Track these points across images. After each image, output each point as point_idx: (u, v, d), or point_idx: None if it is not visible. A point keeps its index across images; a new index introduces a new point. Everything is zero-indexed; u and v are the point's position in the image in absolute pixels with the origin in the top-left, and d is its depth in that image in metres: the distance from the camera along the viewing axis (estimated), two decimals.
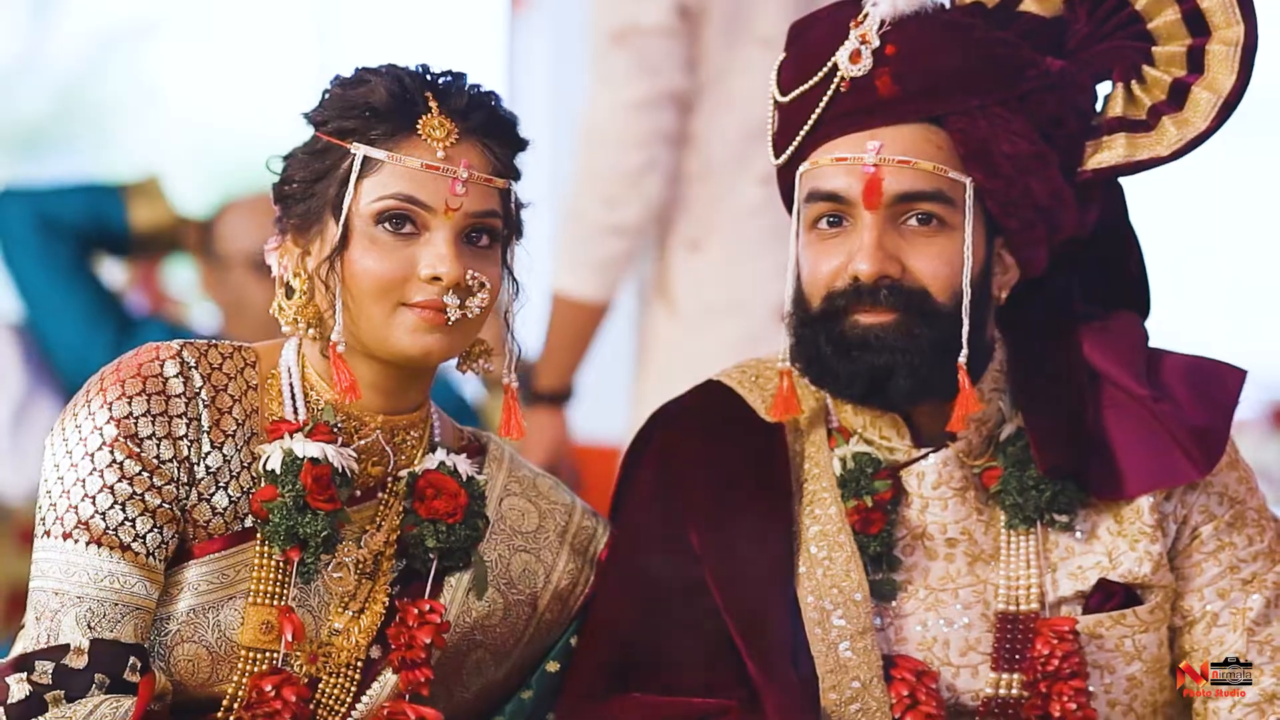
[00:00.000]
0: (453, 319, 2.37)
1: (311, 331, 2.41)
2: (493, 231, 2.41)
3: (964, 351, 2.47)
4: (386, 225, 2.37)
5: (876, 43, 2.48)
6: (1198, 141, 2.52)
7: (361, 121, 2.38)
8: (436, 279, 2.36)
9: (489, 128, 2.42)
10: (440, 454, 2.48)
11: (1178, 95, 2.53)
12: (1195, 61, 2.54)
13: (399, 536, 2.47)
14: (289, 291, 2.42)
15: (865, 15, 2.50)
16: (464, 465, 2.49)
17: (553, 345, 3.85)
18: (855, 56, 2.49)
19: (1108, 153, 2.54)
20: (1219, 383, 2.59)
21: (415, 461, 2.48)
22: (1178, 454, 2.53)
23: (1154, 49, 2.55)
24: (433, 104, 2.40)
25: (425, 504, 2.45)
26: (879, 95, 2.48)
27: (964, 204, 2.47)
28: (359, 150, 2.38)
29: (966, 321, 2.47)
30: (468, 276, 2.37)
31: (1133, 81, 2.55)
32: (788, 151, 2.55)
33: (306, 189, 2.40)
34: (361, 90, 2.39)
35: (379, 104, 2.38)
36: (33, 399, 4.63)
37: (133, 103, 8.51)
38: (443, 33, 7.76)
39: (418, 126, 2.39)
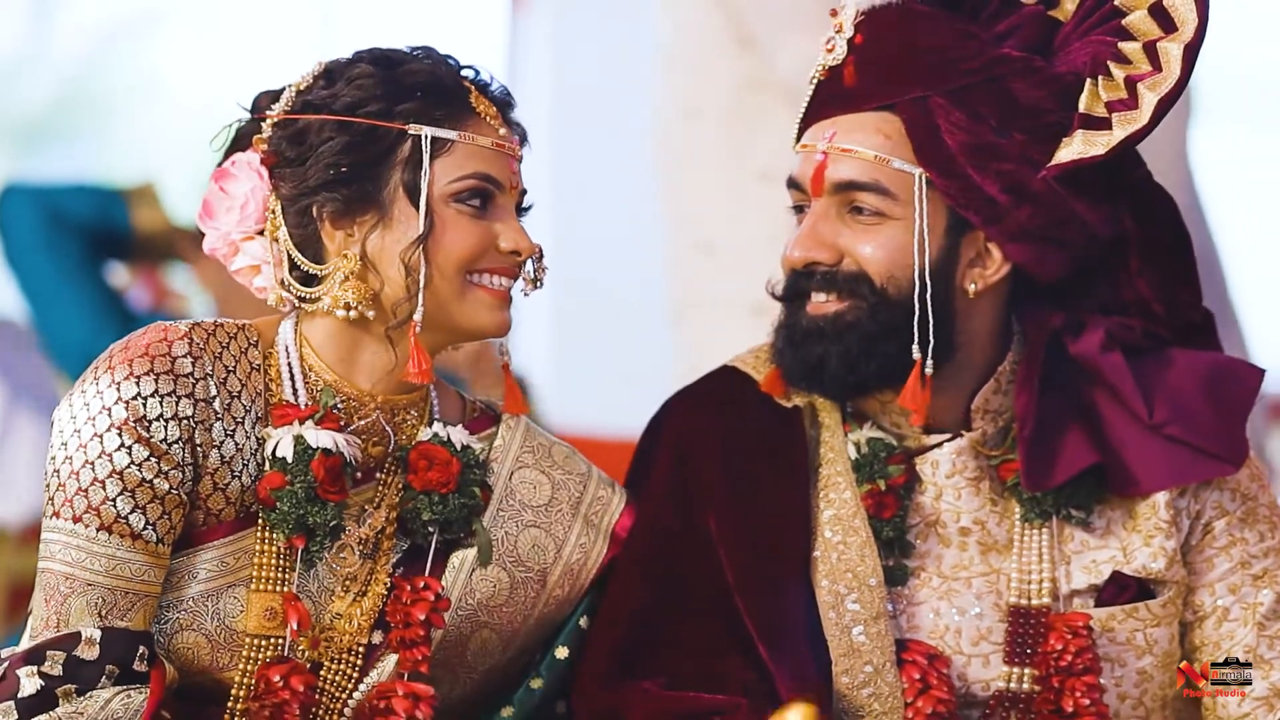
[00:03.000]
0: (528, 291, 2.43)
1: (355, 311, 2.38)
2: (522, 206, 2.46)
3: (915, 342, 2.45)
4: (466, 204, 2.38)
5: (850, 32, 2.51)
6: (1174, 95, 2.43)
7: (418, 104, 2.37)
8: (516, 253, 2.40)
9: (508, 106, 2.45)
10: (436, 426, 2.47)
11: (1153, 58, 2.45)
12: (1165, 22, 2.45)
13: (398, 514, 2.45)
14: (306, 278, 2.40)
15: (844, 5, 2.52)
16: (458, 434, 2.48)
17: None
18: (830, 45, 2.52)
19: (1066, 150, 2.46)
20: (1236, 382, 2.57)
21: (414, 439, 2.47)
22: (1199, 453, 2.52)
23: (1124, 20, 2.47)
24: (468, 84, 2.41)
25: (419, 476, 2.44)
26: (844, 84, 2.50)
27: (913, 194, 2.46)
28: (425, 131, 2.37)
29: (918, 309, 2.45)
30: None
31: (1110, 63, 2.47)
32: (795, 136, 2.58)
33: (357, 172, 2.37)
34: (403, 72, 2.38)
35: (432, 85, 2.38)
36: (15, 406, 4.62)
37: (135, 96, 8.51)
38: (444, 27, 7.77)
39: (472, 105, 2.40)
